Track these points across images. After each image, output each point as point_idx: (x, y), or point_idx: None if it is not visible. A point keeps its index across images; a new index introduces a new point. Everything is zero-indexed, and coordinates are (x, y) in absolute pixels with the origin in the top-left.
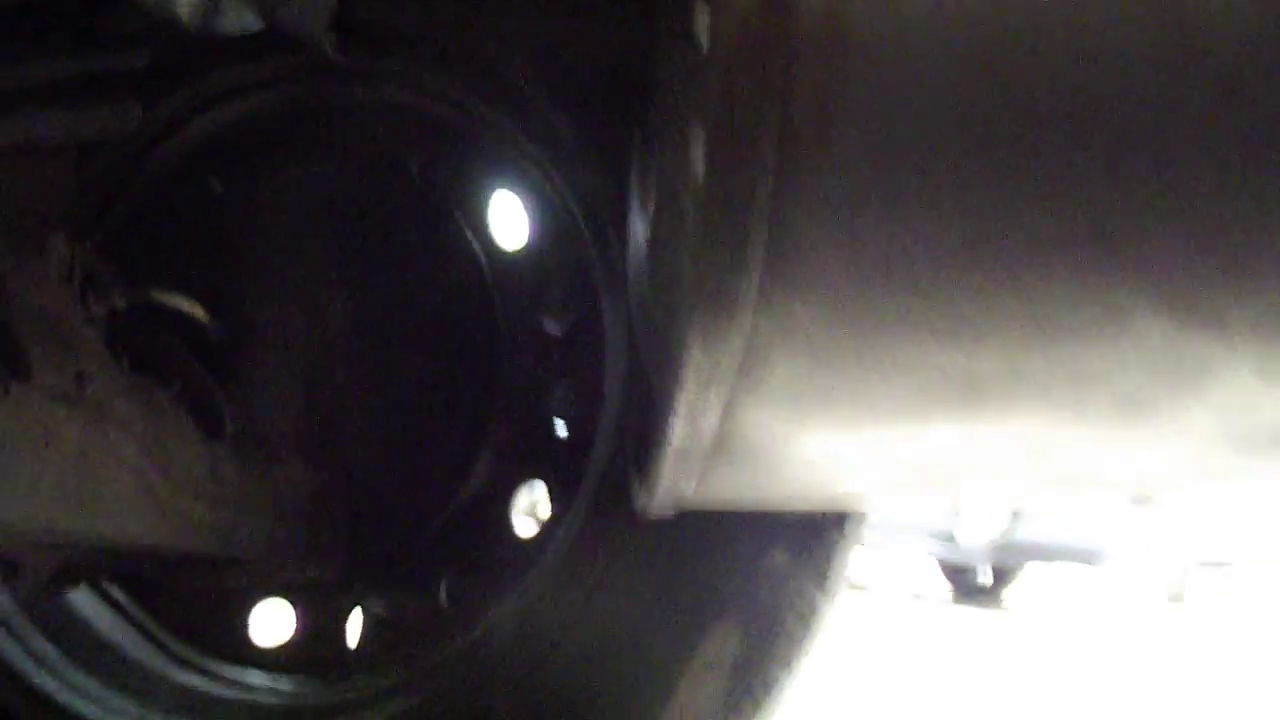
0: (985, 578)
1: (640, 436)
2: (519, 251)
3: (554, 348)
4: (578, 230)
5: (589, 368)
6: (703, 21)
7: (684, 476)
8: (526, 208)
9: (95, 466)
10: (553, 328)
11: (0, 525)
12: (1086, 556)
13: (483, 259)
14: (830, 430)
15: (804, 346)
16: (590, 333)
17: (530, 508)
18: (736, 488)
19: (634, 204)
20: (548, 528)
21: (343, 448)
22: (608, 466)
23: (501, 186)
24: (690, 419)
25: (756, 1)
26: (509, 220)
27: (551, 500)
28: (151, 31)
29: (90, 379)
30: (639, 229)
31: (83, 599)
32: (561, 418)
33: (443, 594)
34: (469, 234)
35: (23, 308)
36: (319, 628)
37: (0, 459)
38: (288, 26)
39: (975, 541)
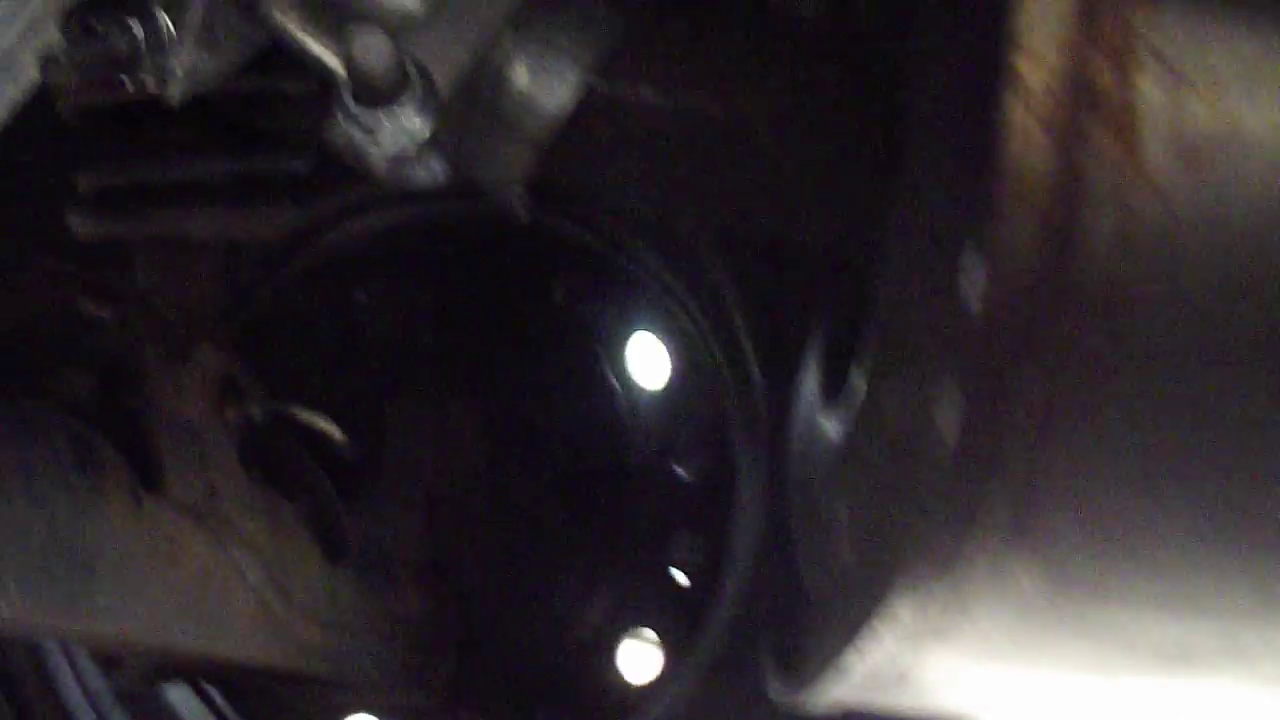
0: None
1: (784, 626)
2: (655, 391)
3: (682, 493)
4: (719, 377)
5: (716, 520)
6: (974, 278)
7: (843, 693)
8: (668, 347)
9: (217, 586)
10: (682, 472)
11: (118, 638)
12: None
13: (618, 393)
14: (1016, 677)
15: (1014, 605)
16: (721, 483)
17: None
18: (898, 703)
19: (809, 382)
20: (659, 683)
21: (459, 576)
22: (730, 632)
23: (644, 325)
24: (868, 654)
25: (1039, 268)
26: (648, 358)
27: (664, 653)
28: (311, 136)
29: (221, 493)
30: (812, 406)
31: (179, 695)
32: (682, 569)
33: None
34: (606, 367)
35: (163, 416)
36: None
37: (126, 573)
38: (480, 182)
39: None
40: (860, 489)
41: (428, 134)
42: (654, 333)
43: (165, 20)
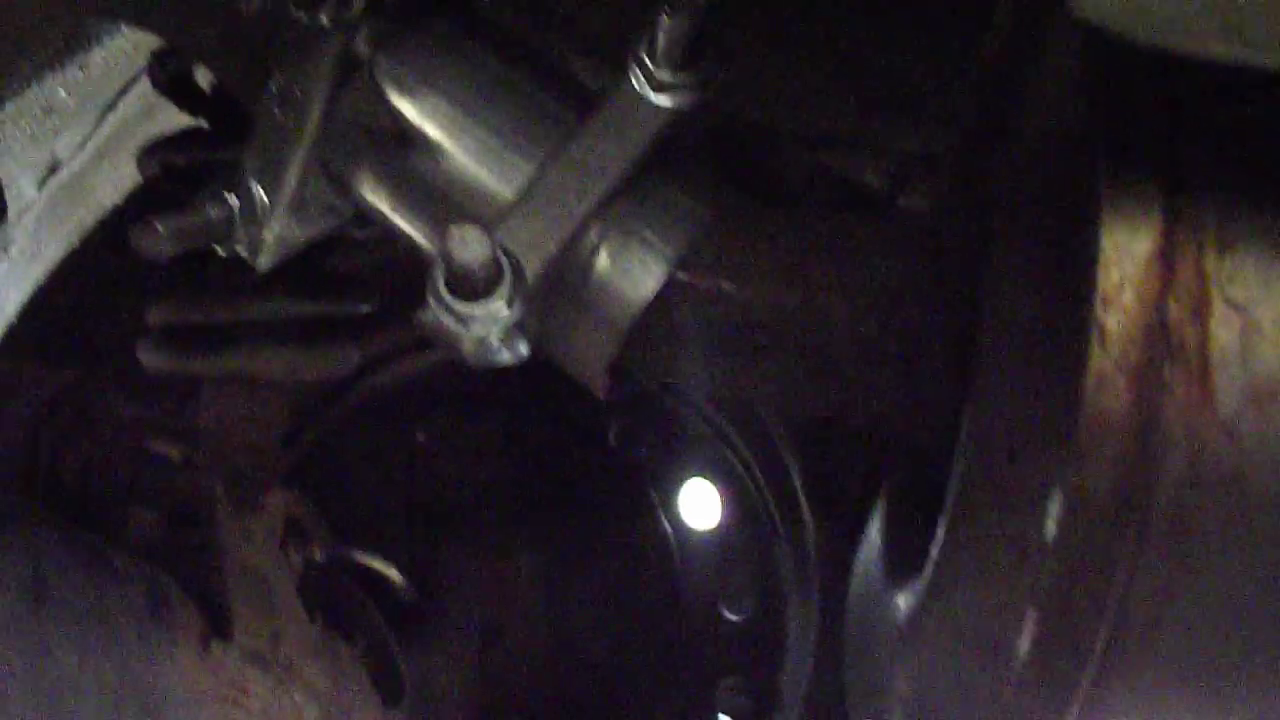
0: None
1: None
2: (706, 532)
3: (731, 637)
4: (769, 520)
5: (765, 665)
6: (1051, 509)
7: None
8: (719, 489)
9: None
10: (732, 616)
11: None
12: None
13: (669, 534)
14: None
15: None
16: (770, 627)
17: None
18: None
19: (870, 543)
20: None
21: (509, 714)
22: None
23: (697, 468)
24: None
25: (1115, 503)
26: (699, 499)
27: None
28: (376, 275)
29: (284, 636)
30: (873, 568)
31: None
32: (730, 713)
33: None
34: (659, 508)
35: (230, 558)
36: None
37: (192, 716)
38: (562, 364)
39: None
40: (923, 674)
41: (516, 321)
42: (706, 476)
43: (260, 193)
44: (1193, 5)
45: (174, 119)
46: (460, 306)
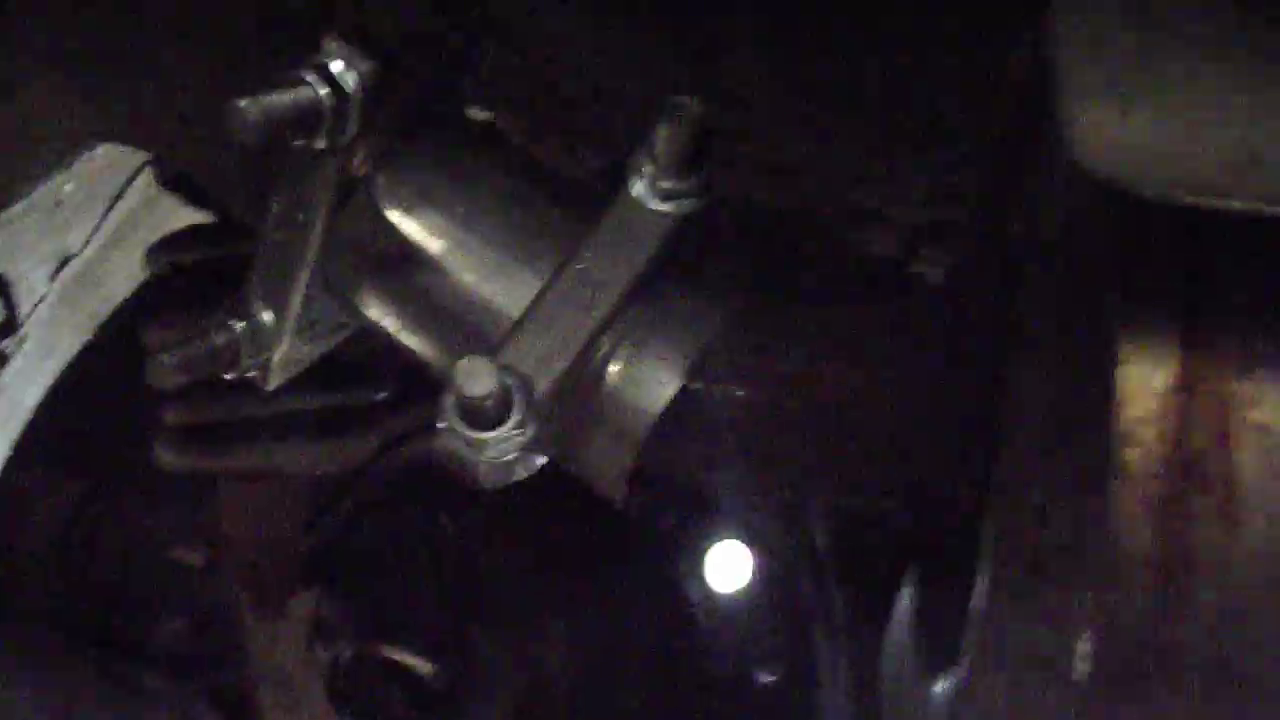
0: None
1: None
2: (734, 595)
3: (762, 699)
4: (798, 582)
5: None
6: (1082, 644)
7: None
8: (747, 552)
9: None
10: (762, 677)
11: None
12: None
13: (697, 600)
14: None
15: None
16: (801, 689)
17: None
18: None
19: (901, 624)
20: None
21: None
22: None
23: (724, 532)
24: None
25: (1146, 638)
26: (727, 562)
27: None
28: (391, 362)
29: None
30: (906, 651)
31: None
32: None
33: None
34: (686, 574)
35: (257, 662)
36: None
37: None
38: (577, 474)
39: None
40: None
41: (529, 440)
42: (733, 537)
43: (266, 316)
44: (1212, 166)
45: (177, 208)
46: (473, 434)
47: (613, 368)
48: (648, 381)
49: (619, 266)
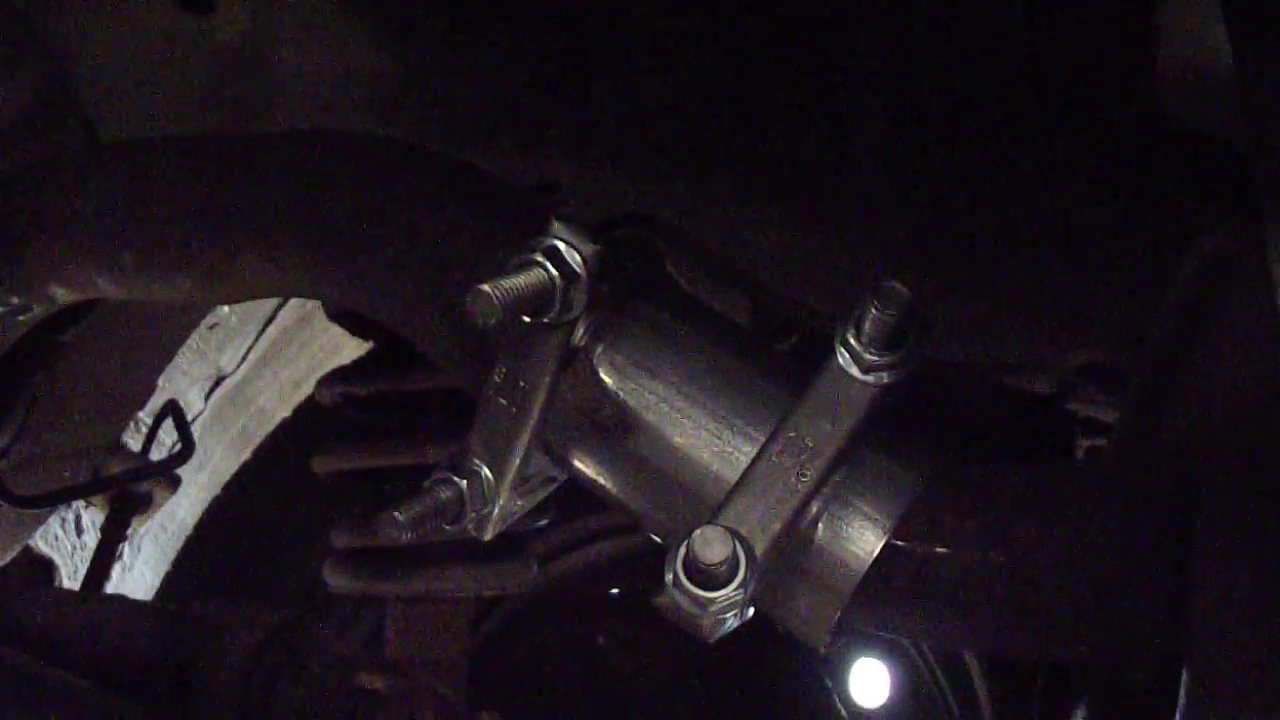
0: None
1: None
2: (875, 710)
3: None
4: (942, 700)
5: None
6: None
7: None
8: (889, 669)
9: None
10: None
11: None
12: None
13: (842, 714)
14: None
15: None
16: None
17: None
18: None
19: None
20: None
21: None
22: None
23: (867, 649)
24: None
25: None
26: (869, 678)
27: None
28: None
29: None
30: None
31: None
32: None
33: None
34: (831, 690)
35: None
36: None
37: None
38: (784, 624)
39: None
40: None
41: (749, 598)
42: (874, 655)
43: (487, 474)
44: None
45: (328, 327)
46: (701, 593)
47: (821, 528)
48: (854, 540)
49: (828, 434)
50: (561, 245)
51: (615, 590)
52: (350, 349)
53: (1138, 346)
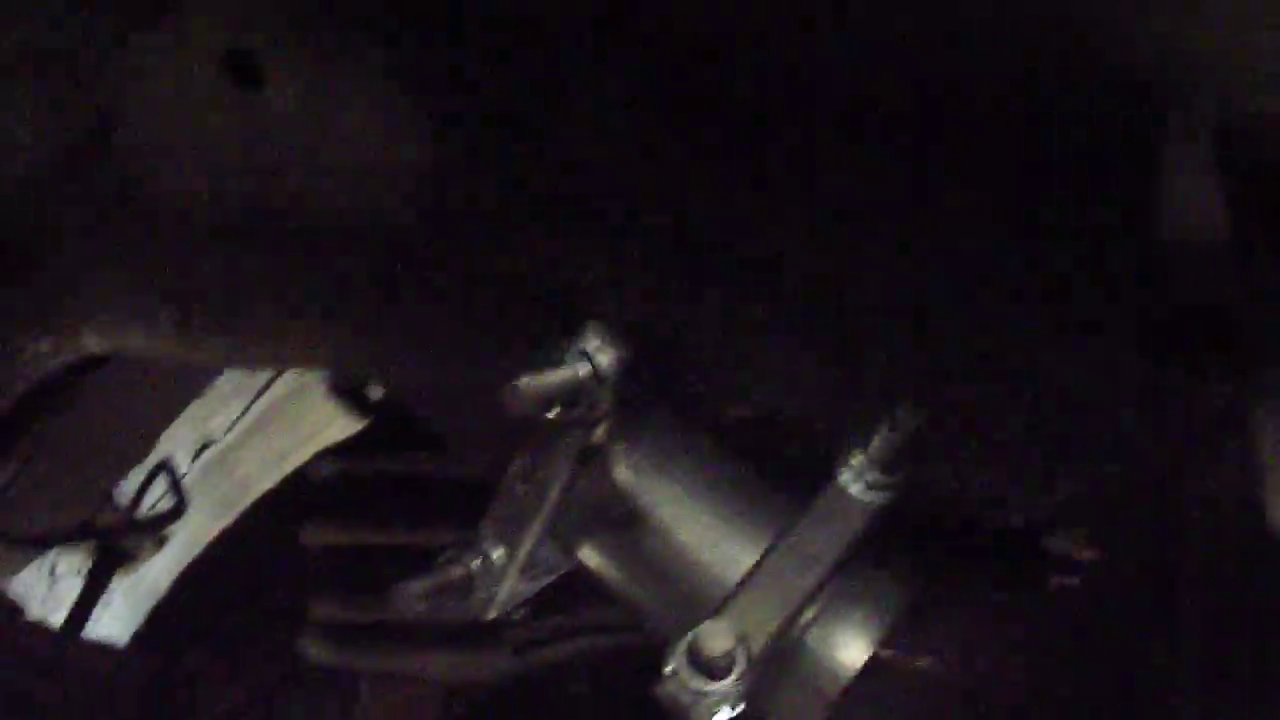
0: None
1: None
2: None
3: None
4: None
5: None
6: None
7: None
8: None
9: None
10: None
11: None
12: None
13: None
14: None
15: None
16: None
17: None
18: None
19: None
20: None
21: None
22: None
23: None
24: None
25: None
26: None
27: None
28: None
29: None
30: None
31: None
32: None
33: None
34: None
35: None
36: None
37: None
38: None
39: None
40: None
41: (744, 692)
42: None
43: (497, 556)
44: None
45: (320, 402)
46: (698, 684)
47: (813, 632)
48: (844, 647)
49: (828, 544)
50: (594, 347)
51: (582, 689)
52: (338, 427)
53: (1114, 479)
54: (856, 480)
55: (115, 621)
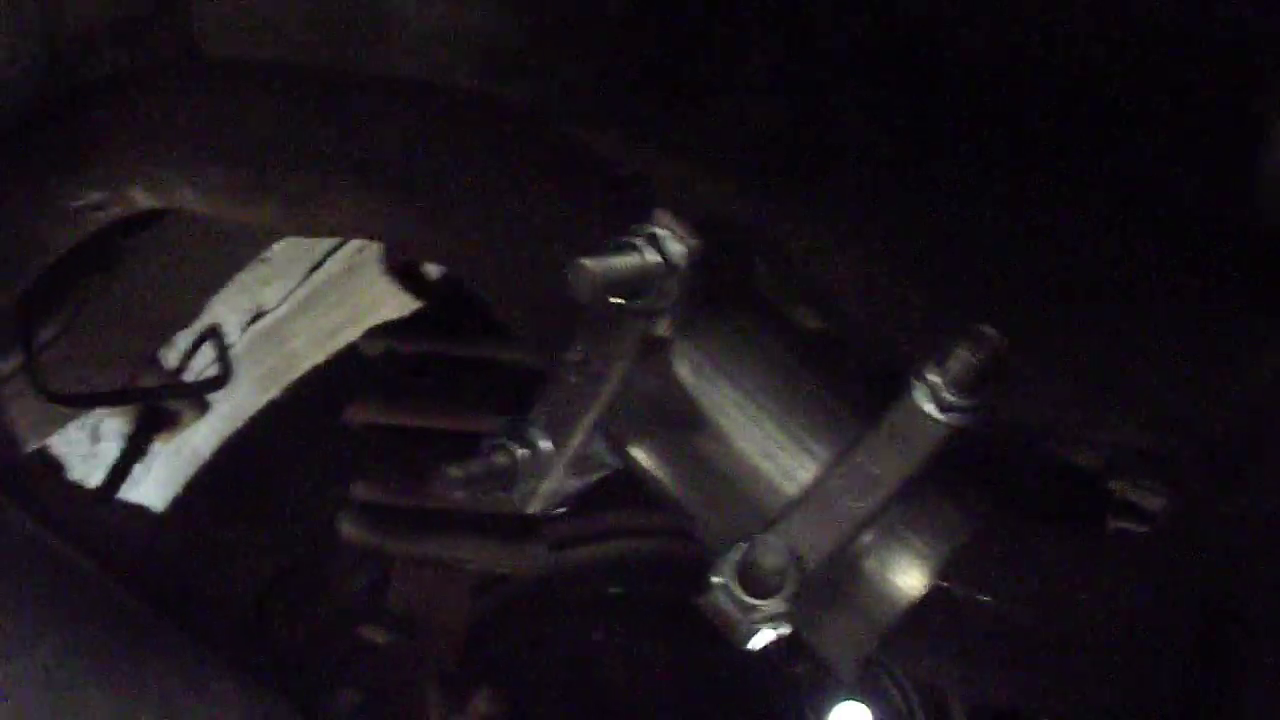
0: None
1: None
2: None
3: None
4: None
5: None
6: None
7: None
8: (873, 712)
9: None
10: None
11: None
12: None
13: None
14: None
15: None
16: None
17: None
18: None
19: None
20: None
21: None
22: None
23: (851, 692)
24: None
25: None
26: (850, 716)
27: None
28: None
29: None
30: None
31: None
32: None
33: None
34: None
35: None
36: None
37: None
38: (815, 647)
39: None
40: None
41: (792, 612)
42: (857, 698)
43: (545, 447)
44: None
45: (375, 280)
46: (748, 599)
47: (871, 557)
48: (901, 575)
49: (894, 466)
50: (665, 234)
51: (618, 591)
52: (391, 307)
53: (1182, 434)
54: (930, 399)
55: (155, 486)
